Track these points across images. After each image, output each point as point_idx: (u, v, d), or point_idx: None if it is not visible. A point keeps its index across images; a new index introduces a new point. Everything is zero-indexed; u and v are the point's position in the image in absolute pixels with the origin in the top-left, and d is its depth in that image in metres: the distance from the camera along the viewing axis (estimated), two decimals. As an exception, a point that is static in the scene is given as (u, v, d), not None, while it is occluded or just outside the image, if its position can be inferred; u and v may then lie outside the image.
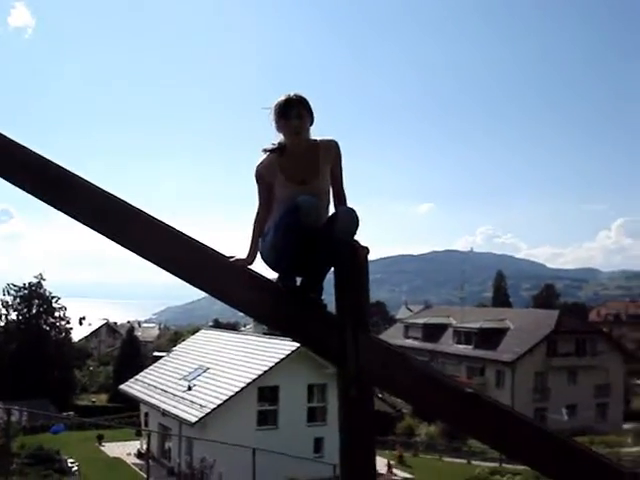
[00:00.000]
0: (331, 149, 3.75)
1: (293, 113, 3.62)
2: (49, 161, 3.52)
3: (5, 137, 3.51)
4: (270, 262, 3.65)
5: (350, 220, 3.53)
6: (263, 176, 3.71)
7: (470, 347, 60.91)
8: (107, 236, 3.52)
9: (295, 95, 3.68)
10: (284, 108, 3.64)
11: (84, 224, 3.52)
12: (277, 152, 3.69)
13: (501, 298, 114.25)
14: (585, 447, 3.57)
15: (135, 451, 35.31)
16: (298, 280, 3.66)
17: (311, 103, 3.69)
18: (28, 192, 3.52)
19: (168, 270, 3.51)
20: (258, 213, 3.76)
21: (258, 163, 3.73)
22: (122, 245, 3.51)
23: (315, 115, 3.72)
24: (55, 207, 3.53)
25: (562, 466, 3.39)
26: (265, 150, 3.73)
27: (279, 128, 3.68)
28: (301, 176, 3.67)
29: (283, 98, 3.66)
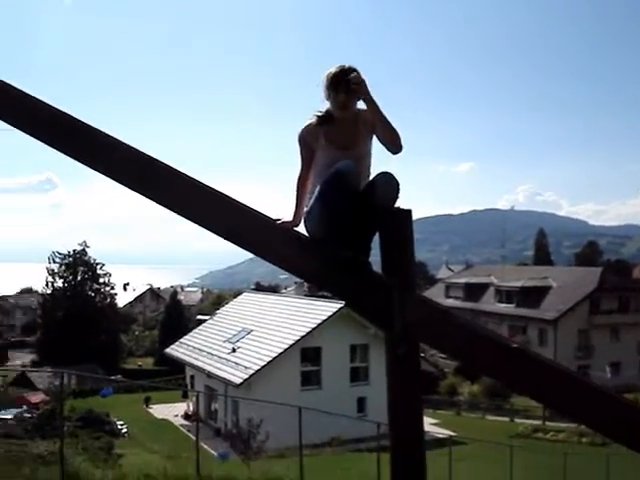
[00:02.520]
0: (371, 119, 3.74)
1: (342, 87, 3.61)
2: (87, 124, 3.56)
3: (41, 101, 3.56)
4: (320, 233, 3.64)
5: (389, 187, 3.53)
6: (306, 139, 3.77)
7: (512, 306, 60.69)
8: (155, 200, 3.57)
9: (348, 67, 3.64)
10: (335, 80, 3.63)
11: (128, 187, 3.56)
12: (324, 122, 3.73)
13: (543, 256, 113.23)
14: (632, 402, 3.58)
15: (182, 413, 36.00)
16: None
17: (363, 74, 3.62)
18: (63, 152, 3.56)
19: (217, 233, 3.57)
20: (300, 175, 3.84)
21: (303, 127, 3.79)
22: (171, 209, 3.57)
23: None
24: (94, 168, 3.57)
25: (610, 420, 3.41)
26: (313, 118, 3.77)
27: (327, 98, 3.70)
28: (343, 142, 3.72)
29: (335, 69, 3.65)
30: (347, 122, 3.73)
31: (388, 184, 3.54)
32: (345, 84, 3.59)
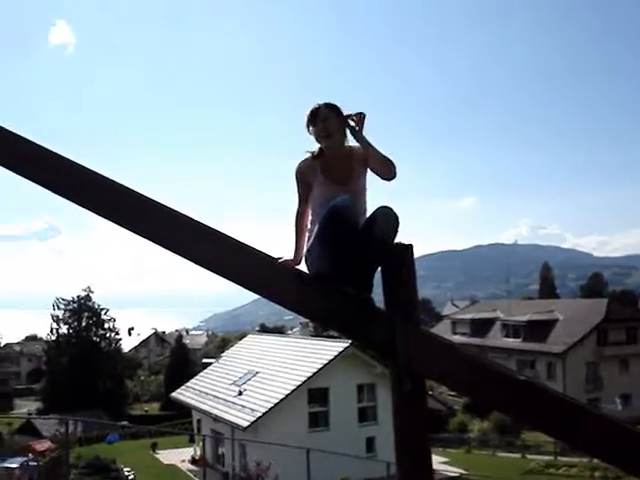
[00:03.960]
0: (363, 155, 3.78)
1: (319, 118, 3.72)
2: (80, 165, 3.56)
3: (37, 144, 3.57)
4: (322, 271, 3.59)
5: (389, 221, 3.52)
6: (303, 174, 3.82)
7: (519, 340, 60.32)
8: (155, 242, 3.55)
9: (322, 102, 3.77)
10: (310, 116, 3.76)
11: (126, 228, 3.55)
12: (317, 157, 3.81)
13: (548, 290, 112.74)
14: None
15: (189, 457, 35.63)
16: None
17: (341, 107, 3.76)
18: (56, 192, 3.55)
19: (219, 273, 3.54)
20: (298, 211, 3.86)
21: (299, 162, 3.84)
22: (172, 250, 3.54)
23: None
24: (89, 209, 3.55)
25: (624, 452, 3.33)
26: (307, 152, 3.84)
27: (312, 135, 3.79)
28: (339, 177, 3.76)
29: (310, 108, 3.78)
30: (341, 158, 3.79)
31: (387, 217, 3.53)
32: (320, 115, 3.72)
